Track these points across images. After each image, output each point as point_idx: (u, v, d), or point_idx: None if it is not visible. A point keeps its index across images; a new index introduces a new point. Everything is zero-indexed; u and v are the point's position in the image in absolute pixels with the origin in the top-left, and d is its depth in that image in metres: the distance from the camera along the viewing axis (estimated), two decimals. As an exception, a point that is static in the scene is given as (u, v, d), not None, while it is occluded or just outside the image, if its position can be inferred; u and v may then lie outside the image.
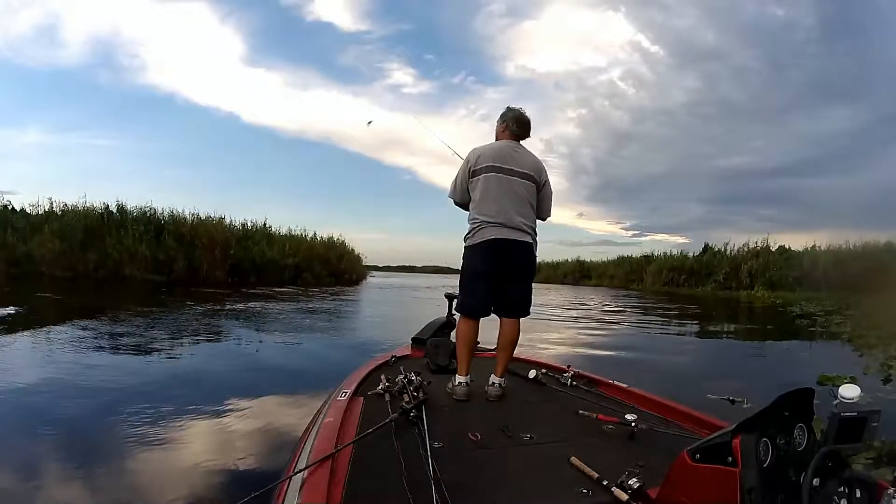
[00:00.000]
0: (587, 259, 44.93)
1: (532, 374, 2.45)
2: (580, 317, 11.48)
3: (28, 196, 29.73)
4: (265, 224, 21.18)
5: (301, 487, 1.18)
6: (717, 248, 28.74)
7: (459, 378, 2.18)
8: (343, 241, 23.46)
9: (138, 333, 5.94)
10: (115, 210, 17.91)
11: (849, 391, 0.96)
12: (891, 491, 0.92)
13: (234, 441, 2.56)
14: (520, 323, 2.32)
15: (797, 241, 24.82)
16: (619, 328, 9.62)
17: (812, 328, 9.33)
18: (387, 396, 1.97)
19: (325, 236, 22.97)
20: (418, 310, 11.25)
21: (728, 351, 7.54)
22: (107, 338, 5.56)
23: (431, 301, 12.08)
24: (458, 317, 2.38)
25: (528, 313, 2.36)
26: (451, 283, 2.54)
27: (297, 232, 22.11)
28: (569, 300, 18.19)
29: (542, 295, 20.54)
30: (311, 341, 6.34)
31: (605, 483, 1.26)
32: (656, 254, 33.77)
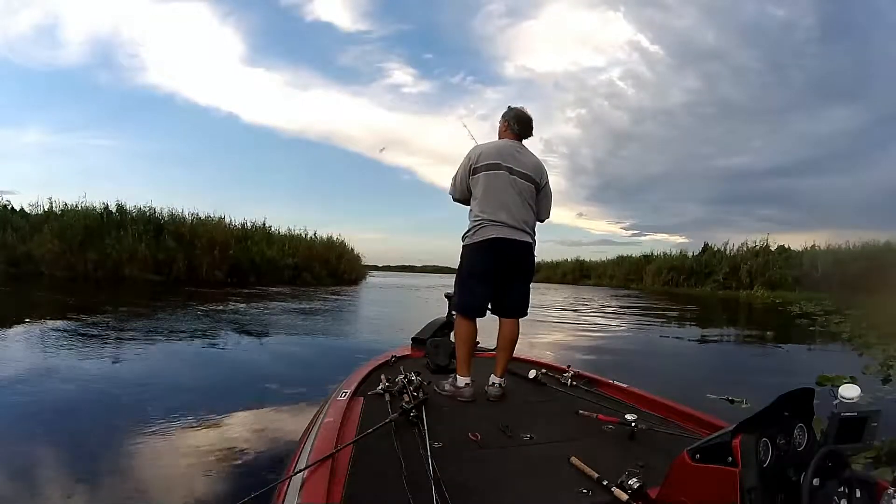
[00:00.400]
0: (587, 259, 45.13)
1: (532, 374, 2.45)
2: (580, 316, 11.49)
3: (28, 196, 29.75)
4: (265, 224, 21.23)
5: (301, 487, 1.18)
6: (716, 248, 28.85)
7: (462, 379, 2.16)
8: (342, 240, 23.50)
9: (137, 334, 5.94)
10: (114, 210, 17.92)
11: (849, 391, 0.96)
12: (891, 491, 0.92)
13: (234, 441, 2.56)
14: (519, 323, 2.32)
15: (797, 241, 24.91)
16: (618, 328, 9.62)
17: (811, 328, 9.35)
18: (387, 396, 1.96)
19: (324, 236, 23.03)
20: (418, 309, 11.25)
21: (727, 351, 7.54)
22: (106, 338, 5.55)
23: (431, 301, 12.08)
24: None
25: (527, 314, 2.36)
26: (451, 283, 2.53)
27: (296, 232, 22.18)
28: (568, 300, 18.18)
29: (542, 294, 20.55)
30: (310, 341, 6.34)
31: (605, 483, 1.25)
32: (656, 253, 33.96)
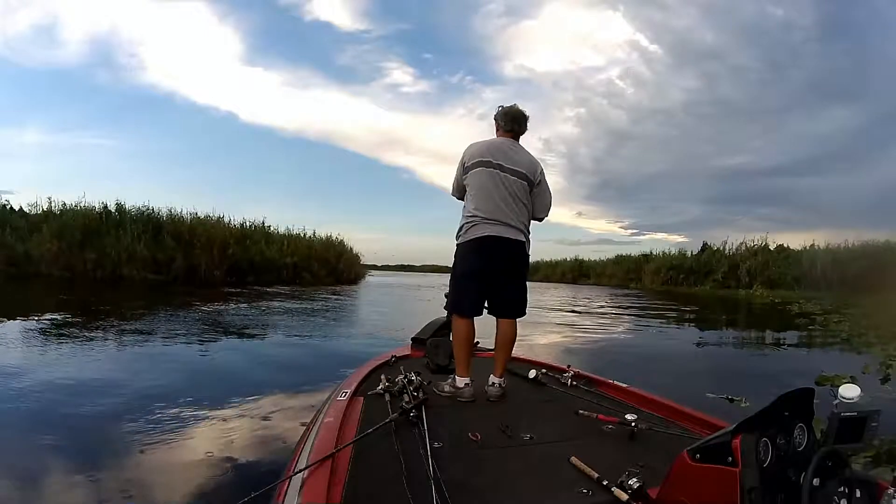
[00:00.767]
0: (586, 258, 45.18)
1: (532, 374, 2.44)
2: (579, 316, 11.49)
3: (26, 195, 29.73)
4: (263, 223, 21.24)
5: (301, 487, 1.18)
6: (715, 248, 28.88)
7: (461, 379, 2.16)
8: (341, 240, 23.56)
9: (136, 333, 5.93)
10: (113, 209, 17.91)
11: (849, 391, 0.96)
12: (891, 491, 0.92)
13: (235, 441, 2.56)
14: (516, 323, 2.30)
15: (796, 241, 24.91)
16: (618, 328, 9.62)
17: (811, 327, 9.35)
18: (387, 396, 1.96)
19: (323, 235, 23.08)
20: (417, 309, 11.25)
21: (726, 350, 7.55)
22: (104, 338, 5.55)
23: (431, 301, 12.08)
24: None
25: (525, 313, 2.33)
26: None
27: (295, 231, 22.19)
28: (567, 299, 18.19)
29: (541, 294, 20.56)
30: (310, 341, 6.34)
31: (605, 483, 1.25)
32: (655, 253, 34.00)
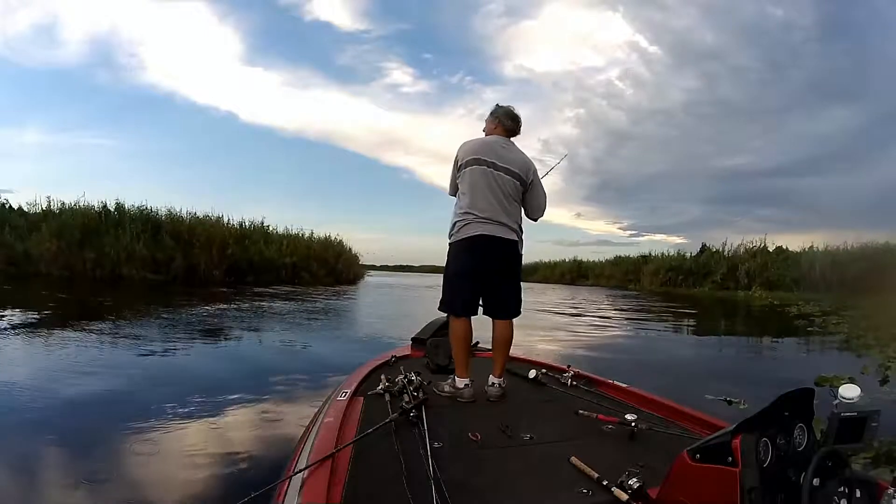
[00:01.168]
0: (584, 259, 45.06)
1: (532, 374, 2.45)
2: (578, 317, 11.49)
3: (26, 195, 29.70)
4: (263, 223, 21.19)
5: (301, 487, 1.18)
6: (714, 249, 28.85)
7: (461, 380, 2.15)
8: (340, 240, 23.49)
9: (136, 333, 5.93)
10: (112, 209, 17.88)
11: (849, 391, 0.97)
12: (891, 491, 0.93)
13: (234, 441, 2.56)
14: (512, 323, 2.29)
15: (795, 242, 24.83)
16: (616, 329, 9.62)
17: (809, 329, 9.34)
18: (387, 396, 1.96)
19: (322, 235, 23.02)
20: (417, 309, 11.24)
21: (725, 351, 7.55)
22: (104, 337, 5.54)
23: (430, 301, 12.07)
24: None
25: (519, 313, 2.32)
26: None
27: (294, 231, 22.16)
28: (566, 300, 18.19)
29: (540, 294, 20.56)
30: (310, 341, 6.33)
31: (605, 483, 1.26)
32: (654, 254, 33.89)
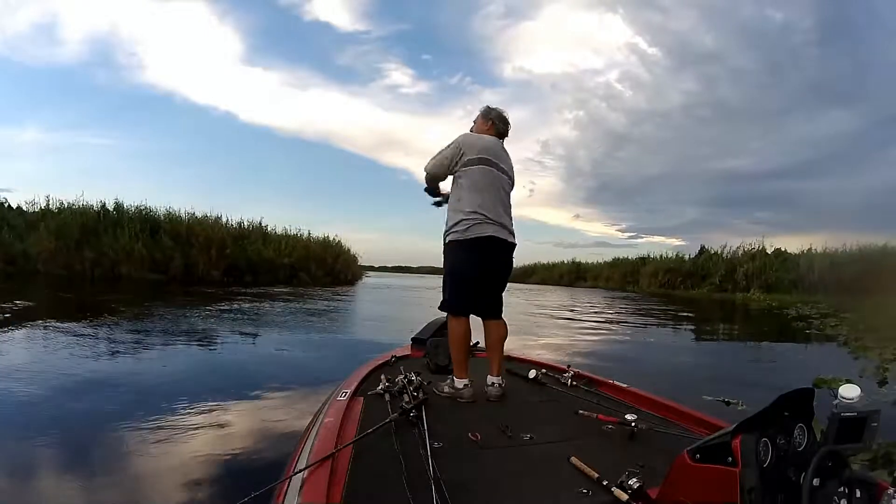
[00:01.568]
0: (583, 261, 45.20)
1: (532, 374, 2.45)
2: (577, 318, 11.50)
3: (25, 194, 29.66)
4: (261, 223, 21.21)
5: (301, 487, 1.18)
6: (713, 251, 28.93)
7: (460, 381, 2.15)
8: (339, 240, 23.53)
9: (135, 333, 5.91)
10: (111, 208, 17.88)
11: (849, 391, 0.96)
12: (891, 491, 0.93)
13: (234, 441, 2.55)
14: (505, 321, 2.34)
15: (793, 244, 24.90)
16: (615, 330, 9.63)
17: (808, 331, 9.37)
18: (387, 396, 1.96)
19: (321, 236, 23.05)
20: (416, 310, 11.24)
21: (724, 353, 7.56)
22: (103, 337, 5.53)
23: (430, 301, 12.07)
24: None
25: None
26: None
27: (293, 231, 22.16)
28: (564, 302, 18.20)
29: (539, 295, 20.58)
30: (309, 341, 6.33)
31: (605, 483, 1.26)
32: (652, 256, 34.02)
